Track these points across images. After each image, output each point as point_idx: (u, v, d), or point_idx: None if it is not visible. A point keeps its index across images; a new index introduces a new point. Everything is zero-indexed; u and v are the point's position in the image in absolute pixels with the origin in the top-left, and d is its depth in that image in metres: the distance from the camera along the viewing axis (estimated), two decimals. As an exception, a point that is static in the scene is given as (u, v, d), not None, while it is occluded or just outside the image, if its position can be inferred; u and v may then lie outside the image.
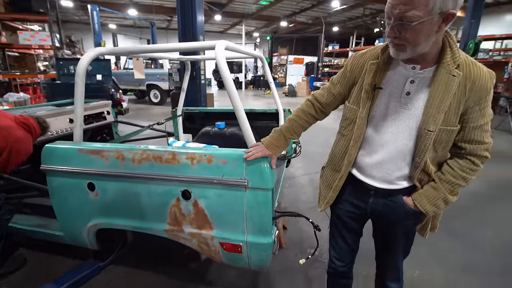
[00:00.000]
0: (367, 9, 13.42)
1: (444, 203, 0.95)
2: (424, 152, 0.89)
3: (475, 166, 0.92)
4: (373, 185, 1.01)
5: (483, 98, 0.85)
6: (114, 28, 17.65)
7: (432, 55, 0.85)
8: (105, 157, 1.32)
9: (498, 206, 2.82)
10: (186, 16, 3.54)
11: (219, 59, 1.22)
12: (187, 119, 2.91)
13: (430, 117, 0.86)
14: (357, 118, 0.99)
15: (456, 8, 0.75)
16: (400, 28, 0.77)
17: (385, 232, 1.12)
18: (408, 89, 0.89)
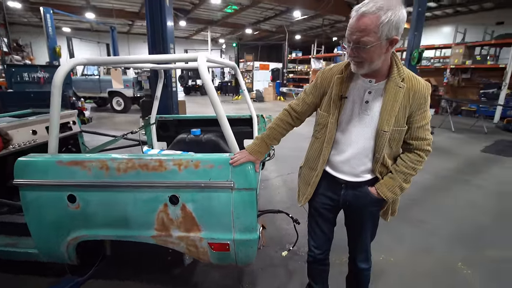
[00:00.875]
0: (325, 19, 14.33)
1: (400, 190, 1.17)
2: (382, 148, 1.11)
3: (420, 158, 1.15)
4: (344, 179, 1.21)
5: (422, 104, 1.09)
6: (69, 32, 16.51)
7: (383, 71, 1.08)
8: (88, 167, 1.32)
9: (442, 194, 3.25)
10: (155, 23, 3.51)
11: (201, 69, 1.31)
12: (161, 127, 2.90)
13: (384, 121, 1.08)
14: (328, 123, 1.18)
15: (398, 35, 0.96)
16: (357, 50, 0.98)
17: (354, 218, 1.31)
18: (367, 98, 1.11)
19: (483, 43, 9.62)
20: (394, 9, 0.91)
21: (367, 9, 0.92)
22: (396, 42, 0.98)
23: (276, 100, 14.79)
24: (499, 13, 11.73)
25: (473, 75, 10.23)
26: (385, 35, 0.94)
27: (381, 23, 0.91)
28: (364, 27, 0.93)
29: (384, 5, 0.91)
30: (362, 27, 0.93)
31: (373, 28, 0.92)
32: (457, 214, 2.81)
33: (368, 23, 0.92)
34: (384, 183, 1.17)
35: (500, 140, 6.17)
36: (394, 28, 0.93)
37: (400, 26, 0.95)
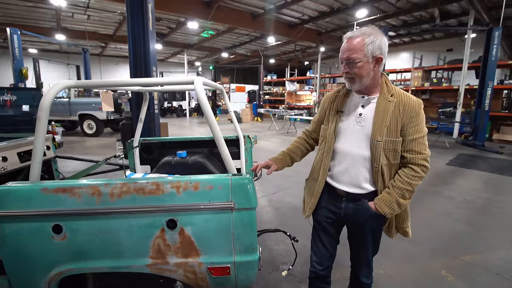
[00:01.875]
0: (297, 45, 15.21)
1: (397, 205, 1.20)
2: (378, 158, 1.19)
3: (416, 173, 1.18)
4: (344, 189, 1.28)
5: (414, 117, 1.18)
6: (35, 53, 15.82)
7: (374, 88, 1.24)
8: (77, 194, 1.25)
9: (418, 206, 3.44)
10: (137, 46, 3.51)
11: (198, 92, 1.34)
12: (144, 150, 2.82)
13: (377, 131, 1.19)
14: (327, 135, 1.33)
15: (382, 55, 1.15)
16: (349, 66, 1.17)
17: (356, 232, 1.36)
18: (360, 111, 1.25)
19: (438, 67, 10.74)
20: (376, 35, 1.14)
21: (354, 34, 1.15)
22: (381, 61, 1.16)
23: (254, 121, 15.04)
24: (448, 42, 13.30)
25: (431, 96, 11.27)
26: (370, 53, 1.13)
27: (365, 43, 1.12)
28: (352, 47, 1.14)
29: (367, 31, 1.14)
30: (351, 47, 1.14)
31: (360, 47, 1.13)
32: (434, 224, 2.97)
33: (355, 44, 1.13)
34: (381, 198, 1.21)
35: (461, 154, 6.75)
36: (377, 48, 1.13)
37: (383, 48, 1.15)
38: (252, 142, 2.85)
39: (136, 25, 3.50)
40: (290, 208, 3.33)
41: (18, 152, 2.44)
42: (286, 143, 8.26)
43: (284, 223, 2.92)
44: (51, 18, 10.89)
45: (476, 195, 3.84)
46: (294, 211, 3.21)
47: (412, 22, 11.09)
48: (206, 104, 1.33)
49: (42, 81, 11.24)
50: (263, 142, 8.32)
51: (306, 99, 17.63)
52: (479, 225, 2.95)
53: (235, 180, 1.28)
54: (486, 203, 3.58)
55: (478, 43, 10.32)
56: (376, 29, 1.16)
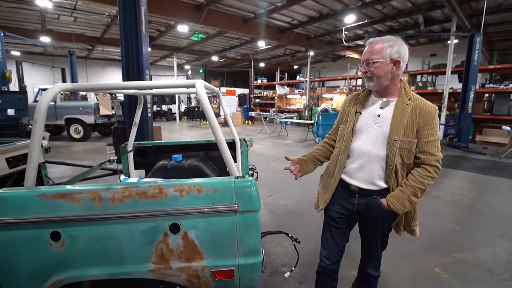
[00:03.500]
0: (287, 49, 15.40)
1: (409, 203, 1.26)
2: (393, 157, 1.26)
3: (429, 173, 1.25)
4: (357, 185, 1.35)
5: (429, 121, 1.26)
6: (18, 55, 15.32)
7: (392, 91, 1.33)
8: (77, 200, 1.22)
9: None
10: (130, 49, 3.46)
11: (200, 95, 1.35)
12: (138, 154, 2.78)
13: (394, 131, 1.26)
14: (345, 134, 1.40)
15: (400, 59, 1.24)
16: (368, 66, 1.28)
17: (367, 228, 1.43)
18: (379, 112, 1.33)
19: (423, 71, 11.11)
20: (396, 41, 1.25)
21: (376, 39, 1.29)
22: (399, 64, 1.25)
23: (244, 125, 15.06)
24: (432, 47, 13.80)
25: (417, 99, 11.63)
26: (388, 55, 1.23)
27: (384, 47, 1.24)
28: (372, 49, 1.26)
29: (387, 38, 1.27)
30: (371, 49, 1.27)
31: (379, 50, 1.24)
32: (425, 223, 3.04)
33: (375, 47, 1.26)
34: (394, 195, 1.27)
35: (447, 155, 6.98)
36: (395, 52, 1.23)
37: (401, 52, 1.24)
38: (248, 145, 2.86)
39: (129, 28, 3.46)
40: (285, 210, 3.34)
41: (7, 158, 2.36)
42: (278, 146, 8.31)
43: (280, 226, 2.93)
44: (35, 20, 10.59)
45: (463, 195, 3.98)
46: (290, 214, 3.23)
47: (397, 28, 11.44)
48: (209, 107, 1.33)
49: (25, 84, 10.89)
50: (255, 145, 8.34)
51: (296, 103, 17.82)
52: (467, 224, 3.06)
53: (239, 183, 1.28)
54: (473, 202, 3.71)
55: (460, 48, 10.76)
56: (398, 38, 1.27)
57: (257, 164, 5.90)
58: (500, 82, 11.50)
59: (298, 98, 17.41)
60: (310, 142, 9.02)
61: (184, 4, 8.87)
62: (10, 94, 4.32)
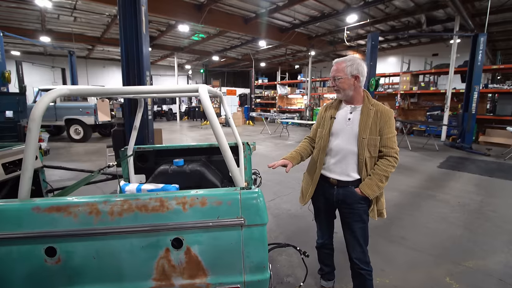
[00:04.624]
0: (288, 49, 15.31)
1: (377, 188, 1.56)
2: (363, 151, 1.57)
3: (390, 163, 1.56)
4: (336, 178, 1.65)
5: (388, 121, 1.57)
6: (18, 55, 15.25)
7: (358, 99, 1.65)
8: (73, 213, 1.15)
9: (415, 211, 3.46)
10: (130, 50, 3.37)
11: (203, 100, 1.28)
12: (139, 159, 2.70)
13: (362, 130, 1.57)
14: (323, 135, 1.70)
15: (359, 73, 1.57)
16: (334, 81, 1.62)
17: (346, 215, 1.67)
18: (349, 116, 1.64)
19: (425, 71, 11.01)
20: (354, 60, 1.58)
21: (339, 60, 1.62)
22: (358, 78, 1.58)
23: (245, 125, 14.98)
24: (434, 47, 13.69)
25: (419, 99, 11.54)
26: (349, 72, 1.57)
27: (346, 66, 1.58)
28: (337, 68, 1.61)
29: (348, 58, 1.60)
30: (336, 68, 1.61)
31: (342, 69, 1.59)
32: (433, 229, 2.98)
33: (339, 66, 1.60)
34: (364, 183, 1.58)
35: (450, 156, 6.91)
36: (355, 69, 1.57)
37: (359, 69, 1.57)
38: (251, 149, 2.79)
39: (129, 28, 3.37)
40: (289, 215, 3.27)
41: (3, 163, 2.28)
42: (280, 147, 8.23)
43: (285, 232, 2.86)
44: (35, 20, 10.52)
45: (469, 198, 3.90)
46: (294, 219, 3.16)
47: (399, 27, 11.35)
48: (212, 113, 1.26)
49: (25, 84, 10.82)
50: (256, 146, 8.26)
51: (297, 103, 17.73)
52: (476, 229, 2.98)
53: (245, 195, 1.21)
54: (480, 206, 3.63)
55: (463, 48, 10.68)
56: (356, 57, 1.60)
57: (259, 166, 5.82)
58: (502, 82, 11.41)
59: (299, 98, 17.32)
60: (312, 143, 8.94)
61: (185, 3, 8.79)
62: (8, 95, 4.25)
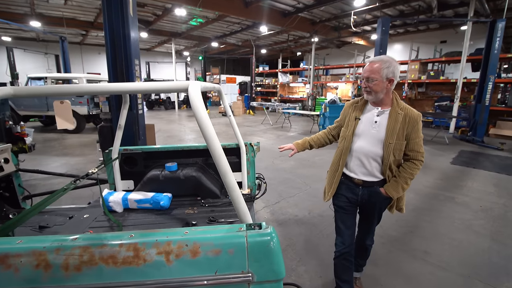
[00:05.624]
0: (290, 35, 14.67)
1: (402, 190, 1.58)
2: (388, 155, 1.54)
3: (415, 165, 1.57)
4: (361, 179, 1.63)
5: (415, 126, 1.53)
6: (9, 41, 14.63)
7: (387, 102, 1.57)
8: (13, 266, 0.82)
9: (435, 217, 3.15)
10: (116, 36, 2.95)
11: (193, 99, 0.93)
12: (126, 162, 2.36)
13: (389, 135, 1.53)
14: (346, 136, 1.66)
15: (394, 77, 1.48)
16: (367, 82, 1.52)
17: (368, 212, 1.74)
18: (376, 119, 1.58)
19: (435, 60, 10.50)
20: (391, 62, 1.48)
21: (374, 59, 1.52)
22: (393, 81, 1.50)
23: (246, 114, 14.55)
24: (442, 33, 13.08)
25: (427, 89, 11.09)
26: (385, 75, 1.47)
27: (382, 68, 1.46)
28: (371, 69, 1.50)
29: (384, 59, 1.49)
30: (371, 68, 1.50)
31: (377, 70, 1.47)
32: (457, 239, 2.68)
33: (374, 66, 1.49)
34: (390, 185, 1.59)
35: (462, 150, 6.57)
36: (391, 72, 1.47)
37: (395, 72, 1.48)
38: (255, 150, 2.44)
39: (114, 10, 2.93)
40: (296, 222, 2.96)
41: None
42: (282, 139, 7.88)
43: (292, 244, 2.55)
44: (24, 3, 9.90)
45: (491, 201, 3.59)
46: (302, 227, 2.84)
47: (408, 12, 10.73)
48: (202, 112, 0.91)
49: (17, 72, 10.35)
50: (257, 138, 7.91)
51: (299, 92, 17.22)
52: (505, 240, 2.68)
53: (254, 238, 0.87)
54: (505, 210, 3.32)
55: (474, 35, 10.12)
56: (392, 59, 1.50)
57: (261, 161, 5.48)
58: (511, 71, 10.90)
59: (301, 86, 16.79)
60: (315, 134, 8.59)
61: (181, -15, 8.20)
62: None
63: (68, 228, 1.83)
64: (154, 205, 2.01)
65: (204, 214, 1.96)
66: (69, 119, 1.82)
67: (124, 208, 2.05)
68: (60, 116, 1.81)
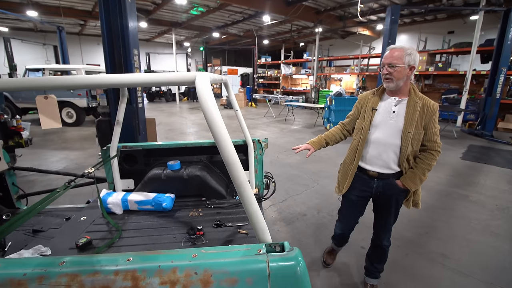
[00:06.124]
0: (294, 25, 14.29)
1: (419, 181, 1.54)
2: (407, 146, 1.50)
3: (433, 156, 1.54)
4: (376, 171, 1.60)
5: (433, 116, 1.49)
6: (6, 32, 14.34)
7: (404, 92, 1.54)
8: (-15, 299, 0.67)
9: (450, 216, 3.01)
10: (114, 24, 2.75)
11: (201, 92, 0.77)
12: (125, 159, 2.21)
13: (408, 124, 1.49)
14: (363, 127, 1.62)
15: (415, 65, 1.47)
16: (389, 69, 1.48)
17: (383, 205, 1.68)
18: (394, 109, 1.54)
19: (444, 50, 10.19)
20: (412, 49, 1.47)
21: (397, 47, 1.50)
22: (414, 69, 1.48)
23: (248, 107, 14.33)
24: (450, 23, 12.69)
25: (434, 81, 10.81)
26: (407, 62, 1.45)
27: (405, 54, 1.45)
28: (393, 55, 1.48)
29: (406, 46, 1.48)
30: (392, 54, 1.48)
31: (401, 56, 1.46)
32: (475, 241, 2.54)
33: (397, 53, 1.47)
34: (407, 176, 1.55)
35: (472, 145, 6.38)
36: (412, 60, 1.46)
37: (416, 60, 1.47)
38: (263, 147, 2.28)
39: (111, -2, 2.73)
40: (305, 222, 2.82)
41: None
42: (285, 133, 7.71)
43: (303, 246, 2.42)
44: (19, -9, 9.62)
45: (507, 200, 3.44)
46: (312, 228, 2.71)
47: (416, 1, 10.36)
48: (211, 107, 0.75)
49: (15, 63, 10.12)
50: (261, 131, 7.74)
51: (302, 83, 16.92)
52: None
53: (276, 263, 0.72)
54: (522, 209, 3.18)
55: (484, 25, 9.76)
56: (413, 47, 1.49)
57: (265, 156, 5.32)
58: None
59: (305, 78, 16.49)
60: (320, 128, 8.40)
61: (182, -29, 7.87)
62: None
63: (63, 232, 1.69)
64: (156, 206, 1.88)
65: (209, 217, 1.82)
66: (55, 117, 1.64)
67: (124, 210, 1.91)
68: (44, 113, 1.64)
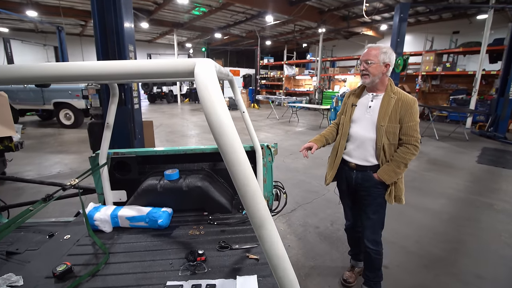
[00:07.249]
0: (297, 25, 14.07)
1: (394, 174, 1.60)
2: (381, 138, 1.61)
3: (409, 150, 1.59)
4: (355, 162, 1.72)
5: (409, 110, 1.58)
6: (6, 32, 14.20)
7: (381, 88, 1.68)
8: None
9: (477, 228, 2.74)
10: (108, 21, 2.48)
11: (201, 86, 0.50)
12: (117, 167, 1.96)
13: (381, 118, 1.61)
14: (344, 122, 1.78)
15: (390, 63, 1.60)
16: (366, 65, 1.62)
17: (363, 195, 1.73)
18: (370, 104, 1.68)
19: (452, 50, 9.91)
20: (388, 49, 1.61)
21: (374, 46, 1.65)
22: (389, 66, 1.60)
23: (250, 108, 14.09)
24: (455, 23, 12.41)
25: (441, 82, 10.53)
26: (382, 60, 1.58)
27: (380, 52, 1.59)
28: (369, 52, 1.61)
29: (381, 45, 1.63)
30: (370, 52, 1.61)
31: (376, 54, 1.59)
32: (509, 257, 2.26)
33: (374, 51, 1.60)
34: (382, 169, 1.63)
35: (485, 148, 6.10)
36: (387, 57, 1.59)
37: (391, 59, 1.60)
38: (273, 153, 2.02)
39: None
40: (319, 236, 2.54)
41: None
42: (290, 135, 7.45)
43: (319, 266, 2.14)
44: (18, -10, 9.45)
45: (535, 209, 3.16)
46: (326, 243, 2.43)
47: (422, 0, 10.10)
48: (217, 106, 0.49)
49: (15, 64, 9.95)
50: (265, 134, 7.49)
51: (305, 84, 16.66)
52: None
53: None
54: (553, 220, 2.90)
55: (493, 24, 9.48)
56: (389, 46, 1.62)
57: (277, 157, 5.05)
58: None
59: (308, 79, 16.23)
60: (325, 130, 8.14)
61: (183, -31, 7.66)
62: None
63: (42, 254, 1.44)
64: (151, 223, 1.62)
65: (212, 236, 1.56)
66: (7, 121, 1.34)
67: (114, 227, 1.66)
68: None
